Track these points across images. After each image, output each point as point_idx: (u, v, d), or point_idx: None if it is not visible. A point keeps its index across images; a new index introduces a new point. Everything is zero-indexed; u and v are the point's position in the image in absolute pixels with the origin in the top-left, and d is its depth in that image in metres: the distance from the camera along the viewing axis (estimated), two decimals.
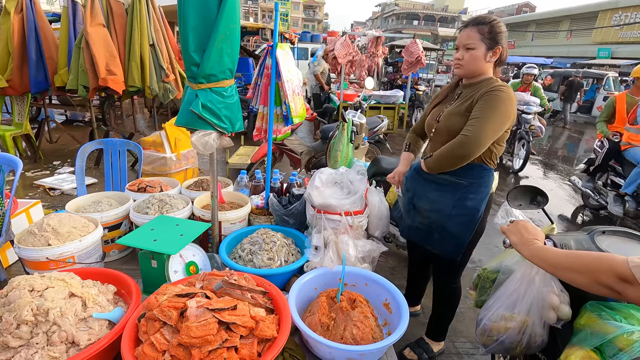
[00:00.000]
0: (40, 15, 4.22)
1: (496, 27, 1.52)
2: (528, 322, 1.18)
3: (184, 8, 1.25)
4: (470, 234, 1.67)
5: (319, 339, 1.06)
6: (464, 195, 1.63)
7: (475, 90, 1.57)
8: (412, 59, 7.17)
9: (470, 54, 1.55)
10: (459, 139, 1.50)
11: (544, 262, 1.01)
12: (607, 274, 0.83)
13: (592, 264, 0.87)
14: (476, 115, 1.49)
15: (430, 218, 1.72)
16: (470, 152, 1.48)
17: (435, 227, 1.70)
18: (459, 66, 1.60)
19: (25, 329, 0.91)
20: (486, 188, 1.66)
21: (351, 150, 2.96)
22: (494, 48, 1.53)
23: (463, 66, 1.59)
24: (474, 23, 1.55)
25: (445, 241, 1.69)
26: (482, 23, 1.53)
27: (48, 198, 3.90)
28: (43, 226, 1.39)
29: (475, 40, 1.53)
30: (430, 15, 49.78)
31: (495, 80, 1.56)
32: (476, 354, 2.15)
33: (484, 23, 1.53)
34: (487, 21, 1.53)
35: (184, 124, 1.39)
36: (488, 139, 1.47)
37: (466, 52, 1.56)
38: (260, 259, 1.47)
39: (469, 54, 1.55)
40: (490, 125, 1.46)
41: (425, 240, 1.79)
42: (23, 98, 4.53)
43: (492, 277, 1.38)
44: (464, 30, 1.58)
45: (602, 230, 1.28)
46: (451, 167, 1.56)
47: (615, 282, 0.81)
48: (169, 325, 0.93)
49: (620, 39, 20.98)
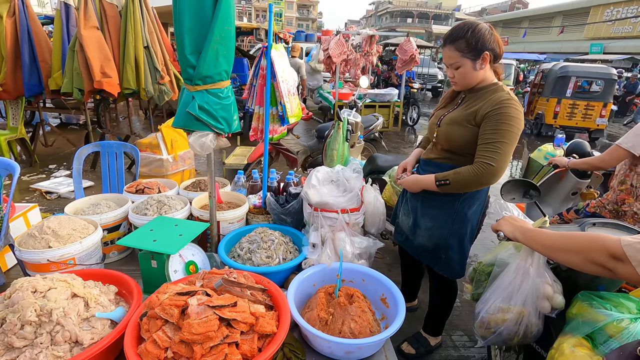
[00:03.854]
0: (33, 19, 4.20)
1: (472, 38, 1.45)
2: (524, 313, 1.21)
3: (179, 10, 1.27)
4: (471, 244, 1.71)
5: (318, 333, 1.09)
6: (461, 207, 1.64)
7: (479, 98, 1.53)
8: (406, 57, 7.20)
9: (458, 72, 1.52)
10: (484, 168, 1.42)
11: (538, 244, 1.04)
12: (599, 252, 0.86)
13: (585, 243, 0.90)
14: (493, 138, 1.41)
15: (433, 236, 1.70)
16: (495, 181, 1.46)
17: (441, 246, 1.70)
18: (454, 83, 1.60)
19: (29, 329, 0.92)
20: (483, 194, 1.69)
21: (347, 148, 2.99)
22: (481, 56, 1.46)
23: (457, 83, 1.58)
24: (450, 41, 1.50)
25: (451, 260, 1.70)
26: (457, 38, 1.47)
27: (45, 202, 3.89)
28: (43, 229, 1.40)
29: (457, 58, 1.49)
30: (423, 13, 49.90)
31: (500, 88, 1.51)
32: (472, 347, 2.19)
33: (459, 38, 1.47)
34: (462, 34, 1.46)
35: (181, 125, 1.41)
36: (508, 163, 1.45)
37: (455, 71, 1.53)
38: (258, 257, 1.49)
39: (457, 72, 1.53)
40: (510, 149, 1.42)
41: (431, 262, 1.79)
42: (17, 102, 4.50)
43: (487, 270, 1.41)
44: (443, 49, 1.54)
45: (593, 222, 1.31)
46: (471, 190, 1.58)
47: (608, 260, 0.84)
48: (170, 323, 0.95)
49: (613, 34, 21.17)
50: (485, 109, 1.46)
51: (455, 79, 1.56)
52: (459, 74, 1.52)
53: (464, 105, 1.59)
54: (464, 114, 1.54)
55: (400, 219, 1.91)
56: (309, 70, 8.46)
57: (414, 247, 1.82)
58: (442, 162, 1.66)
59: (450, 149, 1.62)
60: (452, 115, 1.60)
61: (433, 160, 1.71)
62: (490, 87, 1.53)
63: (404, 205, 1.87)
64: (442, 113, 1.68)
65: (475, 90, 1.57)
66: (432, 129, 1.71)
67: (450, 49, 1.49)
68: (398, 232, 1.95)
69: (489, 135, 1.43)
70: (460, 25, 1.51)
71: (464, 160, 1.55)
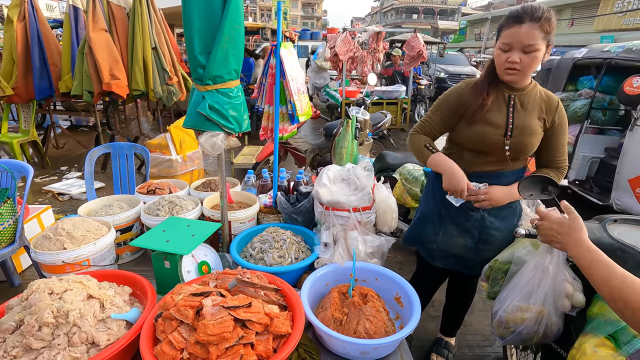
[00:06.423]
0: (43, 23, 4.25)
1: (554, 21, 1.28)
2: (544, 312, 1.19)
3: (189, 11, 1.26)
4: None
5: (333, 333, 1.07)
6: (517, 204, 1.59)
7: (531, 99, 1.42)
8: (413, 53, 7.14)
9: (531, 57, 1.28)
10: (560, 172, 1.49)
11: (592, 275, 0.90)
12: None
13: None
14: (564, 141, 1.47)
15: (503, 244, 1.52)
16: None
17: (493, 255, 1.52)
18: (515, 72, 1.32)
19: (47, 330, 0.93)
20: None
21: (356, 146, 2.96)
22: (549, 46, 1.30)
23: (521, 72, 1.32)
24: (535, 18, 1.25)
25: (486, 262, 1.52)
26: (543, 18, 1.25)
27: (57, 203, 3.95)
28: (58, 230, 1.41)
29: (538, 39, 1.25)
30: (429, 9, 49.45)
31: (538, 86, 1.45)
32: (487, 346, 2.16)
33: (545, 18, 1.25)
34: (547, 15, 1.26)
35: (192, 125, 1.41)
36: None
37: (525, 55, 1.28)
38: (270, 257, 1.49)
39: (529, 57, 1.28)
40: None
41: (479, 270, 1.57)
42: (28, 105, 4.57)
43: (504, 268, 1.39)
44: (518, 27, 1.27)
45: (614, 218, 1.28)
46: None
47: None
48: (185, 324, 0.95)
49: (624, 26, 20.74)
50: (550, 112, 1.44)
51: (519, 65, 1.30)
52: (531, 59, 1.28)
53: (520, 108, 1.43)
54: (536, 122, 1.42)
55: (444, 242, 1.64)
56: (316, 69, 8.43)
57: (473, 265, 1.61)
58: (507, 170, 1.51)
59: (519, 157, 1.49)
60: (526, 124, 1.42)
61: (502, 172, 1.51)
62: (532, 85, 1.44)
63: (452, 227, 1.61)
64: (499, 119, 1.43)
65: (521, 89, 1.42)
66: (495, 139, 1.43)
67: (534, 27, 1.24)
68: (440, 256, 1.70)
69: (562, 140, 1.45)
70: (538, 5, 1.30)
71: (519, 165, 1.53)
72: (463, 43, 28.93)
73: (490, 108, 1.43)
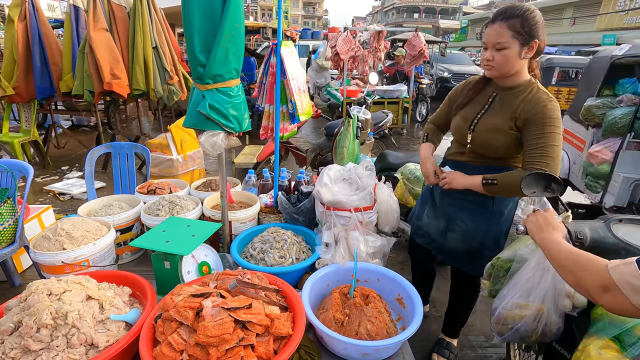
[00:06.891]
0: (44, 22, 4.25)
1: (530, 19, 1.32)
2: (543, 310, 1.18)
3: (189, 10, 1.25)
4: (505, 240, 1.63)
5: (334, 335, 1.06)
6: (497, 207, 1.58)
7: (515, 98, 1.43)
8: (415, 53, 7.11)
9: (501, 54, 1.36)
10: None
11: (548, 256, 1.00)
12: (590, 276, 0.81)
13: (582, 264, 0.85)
14: (542, 143, 1.32)
15: (467, 239, 1.63)
16: None
17: (474, 248, 1.63)
18: (490, 67, 1.42)
19: (45, 332, 0.92)
20: None
21: (357, 146, 2.95)
22: (530, 43, 1.34)
23: (495, 68, 1.41)
24: (503, 17, 1.34)
25: (486, 259, 1.54)
26: (513, 16, 1.32)
27: (58, 203, 3.94)
28: (57, 230, 1.41)
29: (507, 37, 1.33)
30: (430, 8, 49.37)
31: (536, 87, 1.43)
32: (489, 347, 2.14)
33: (515, 16, 1.32)
34: (519, 13, 1.33)
35: (192, 125, 1.40)
36: (560, 166, 1.33)
37: (497, 52, 1.37)
38: (271, 258, 1.48)
39: (500, 55, 1.36)
40: (560, 152, 1.32)
41: (460, 263, 1.74)
42: (29, 105, 4.57)
43: (506, 266, 1.38)
44: (491, 26, 1.37)
45: (619, 218, 1.26)
46: (515, 197, 1.53)
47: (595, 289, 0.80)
48: (185, 325, 0.94)
49: (626, 25, 20.63)
50: (527, 112, 1.37)
51: (493, 62, 1.40)
52: (502, 56, 1.36)
53: (497, 106, 1.47)
54: (504, 120, 1.43)
55: (425, 221, 1.81)
56: (317, 68, 8.41)
57: (444, 249, 1.74)
58: (476, 164, 1.57)
59: (487, 154, 1.53)
60: (490, 121, 1.47)
61: (468, 164, 1.60)
62: (526, 85, 1.43)
63: (432, 208, 1.78)
64: (471, 114, 1.54)
65: (508, 88, 1.46)
66: (462, 133, 1.56)
67: (502, 25, 1.34)
68: (421, 234, 1.85)
69: (537, 140, 1.33)
70: (516, 5, 1.38)
71: (499, 163, 1.51)
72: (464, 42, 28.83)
73: (471, 103, 1.57)
